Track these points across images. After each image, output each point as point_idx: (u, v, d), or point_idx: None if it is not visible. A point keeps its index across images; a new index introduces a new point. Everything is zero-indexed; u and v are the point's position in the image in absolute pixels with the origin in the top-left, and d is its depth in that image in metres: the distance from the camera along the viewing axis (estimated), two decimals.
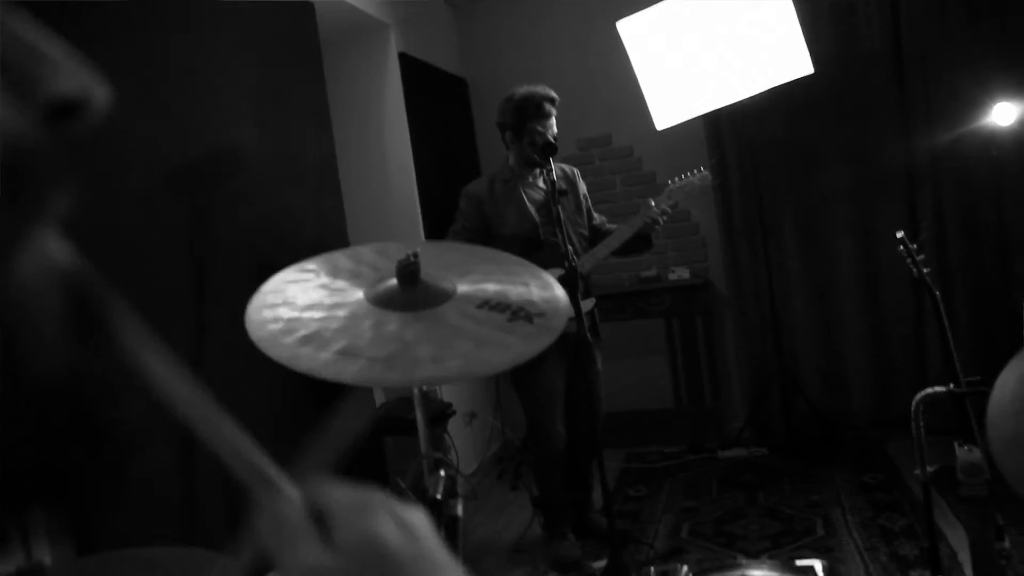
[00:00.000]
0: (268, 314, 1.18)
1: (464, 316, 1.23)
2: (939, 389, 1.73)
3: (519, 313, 1.29)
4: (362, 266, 1.38)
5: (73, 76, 0.26)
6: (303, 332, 1.12)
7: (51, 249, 0.25)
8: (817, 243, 4.12)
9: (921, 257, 2.12)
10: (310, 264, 1.38)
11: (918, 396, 1.73)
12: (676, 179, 3.00)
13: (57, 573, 1.31)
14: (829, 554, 2.75)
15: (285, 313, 1.17)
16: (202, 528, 2.18)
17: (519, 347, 1.19)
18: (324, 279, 1.32)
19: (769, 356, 4.04)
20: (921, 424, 1.73)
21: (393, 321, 1.19)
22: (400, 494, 3.35)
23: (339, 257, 1.42)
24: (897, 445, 3.73)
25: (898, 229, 2.20)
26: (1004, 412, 0.78)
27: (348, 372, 1.04)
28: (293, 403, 2.58)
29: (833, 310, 4.13)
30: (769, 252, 3.91)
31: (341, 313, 1.19)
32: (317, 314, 1.18)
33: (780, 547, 2.87)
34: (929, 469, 1.76)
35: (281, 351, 1.08)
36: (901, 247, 2.14)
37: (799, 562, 1.49)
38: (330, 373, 1.03)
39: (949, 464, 1.56)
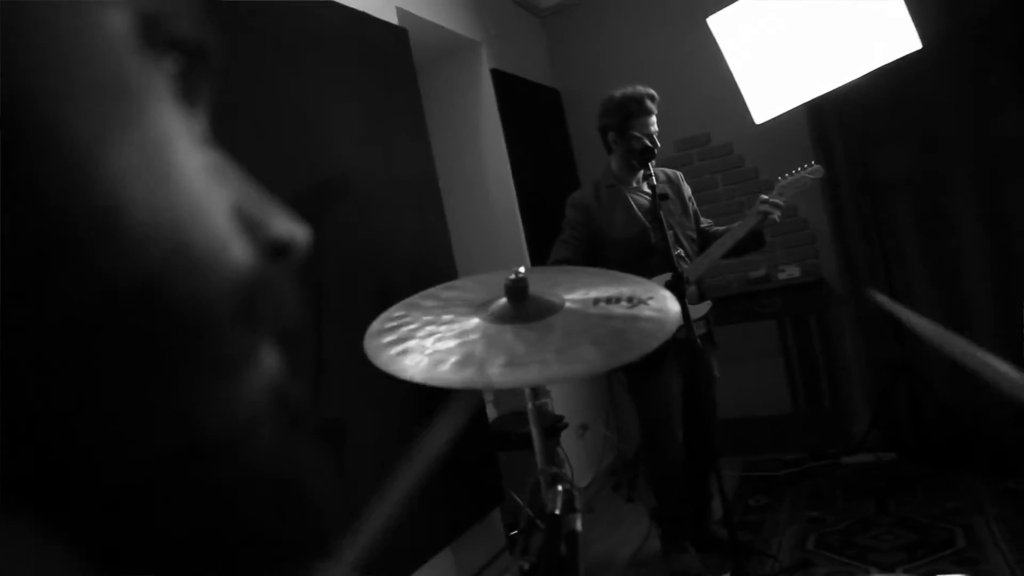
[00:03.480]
0: (402, 358, 1.17)
1: (587, 317, 1.23)
2: None
3: (633, 300, 1.28)
4: (449, 302, 1.36)
5: (285, 221, 0.32)
6: (453, 359, 1.11)
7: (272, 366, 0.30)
8: (939, 231, 3.85)
9: None
10: (396, 311, 1.34)
11: None
12: (785, 175, 2.90)
13: None
14: (974, 567, 2.55)
15: (419, 348, 1.15)
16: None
17: (656, 325, 1.17)
18: (425, 317, 1.31)
19: (892, 353, 3.82)
20: None
21: (528, 331, 1.18)
22: (516, 509, 3.36)
23: (418, 299, 1.40)
24: None
25: None
26: None
27: (530, 377, 1.05)
28: (402, 417, 2.63)
29: (960, 298, 3.84)
30: (885, 242, 3.71)
31: (474, 336, 1.18)
32: (449, 343, 1.16)
33: (916, 560, 2.68)
34: None
35: (450, 378, 1.07)
36: None
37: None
38: (511, 382, 1.04)
39: None
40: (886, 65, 3.25)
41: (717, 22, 3.49)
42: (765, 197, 2.82)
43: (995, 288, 3.77)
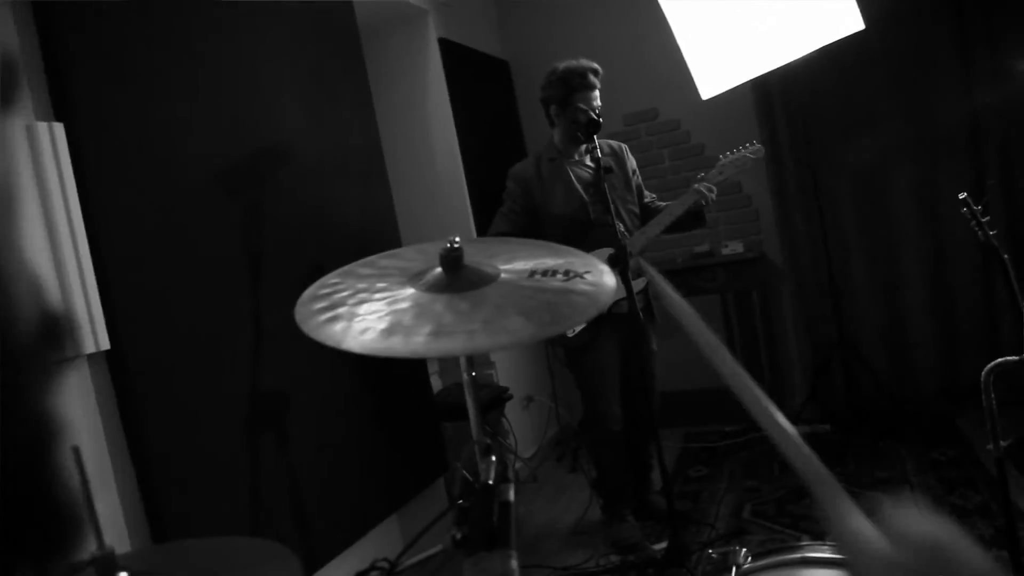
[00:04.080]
0: (326, 319, 1.15)
1: (520, 287, 1.22)
2: (1011, 359, 1.65)
3: (569, 273, 1.28)
4: (384, 270, 1.35)
5: None
6: (380, 326, 1.10)
7: None
8: (876, 208, 3.96)
9: (987, 219, 2.01)
10: (332, 278, 1.33)
11: (988, 366, 1.65)
12: (727, 153, 2.93)
13: (130, 561, 1.35)
14: None
15: (348, 316, 1.14)
16: (267, 519, 2.22)
17: (593, 297, 1.17)
18: (359, 285, 1.29)
19: (829, 329, 3.93)
20: (992, 396, 1.65)
21: (461, 301, 1.17)
22: (459, 479, 3.37)
23: (357, 267, 1.39)
24: (968, 418, 3.60)
25: (962, 190, 2.08)
26: None
27: (456, 345, 1.03)
28: (347, 387, 2.62)
29: (895, 278, 3.97)
30: (825, 220, 3.79)
31: (405, 305, 1.17)
32: (378, 309, 1.15)
33: None
34: (1003, 443, 1.69)
35: (375, 346, 1.06)
36: (965, 209, 2.03)
37: None
38: (436, 351, 1.03)
39: None
40: (830, 44, 3.29)
41: None
42: (702, 175, 2.85)
43: (929, 270, 3.89)
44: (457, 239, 1.28)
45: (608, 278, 1.29)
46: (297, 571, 1.14)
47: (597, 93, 2.84)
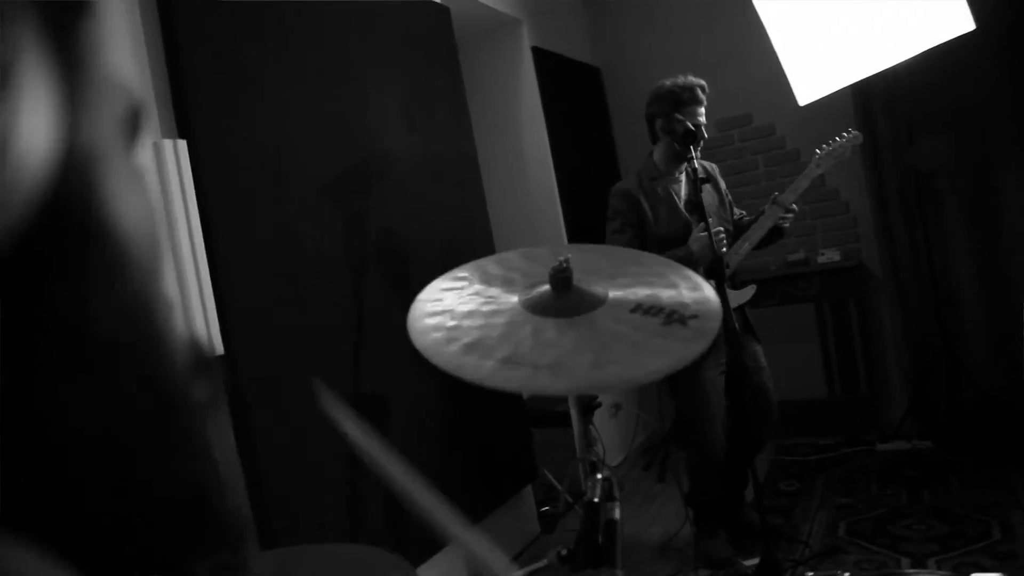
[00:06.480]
0: (430, 322, 1.22)
1: (619, 321, 1.23)
2: None
3: (673, 316, 1.27)
4: (512, 272, 1.40)
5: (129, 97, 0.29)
6: (466, 340, 1.15)
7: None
8: (984, 212, 3.76)
9: None
10: (462, 271, 1.41)
11: None
12: (824, 146, 2.88)
13: (254, 567, 1.42)
14: (1010, 562, 2.51)
15: (448, 322, 1.20)
16: (364, 526, 2.29)
17: (678, 351, 1.17)
18: (478, 286, 1.35)
19: (931, 338, 3.76)
20: None
21: (550, 328, 1.20)
22: (550, 487, 3.40)
23: (488, 264, 1.45)
24: None
25: None
26: None
27: (514, 380, 1.06)
28: (439, 391, 2.67)
29: (1005, 286, 3.76)
30: (928, 225, 3.65)
31: (500, 320, 1.21)
32: (476, 321, 1.21)
33: (949, 551, 2.66)
34: None
35: (446, 359, 1.11)
36: None
37: (977, 573, 1.36)
38: (497, 382, 1.05)
39: None
40: (937, 46, 3.16)
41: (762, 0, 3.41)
42: (776, 196, 2.82)
43: None
44: (569, 256, 1.30)
45: (715, 305, 1.28)
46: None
47: (703, 109, 2.81)
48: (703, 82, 2.83)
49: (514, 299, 1.30)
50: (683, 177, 2.88)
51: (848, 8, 3.30)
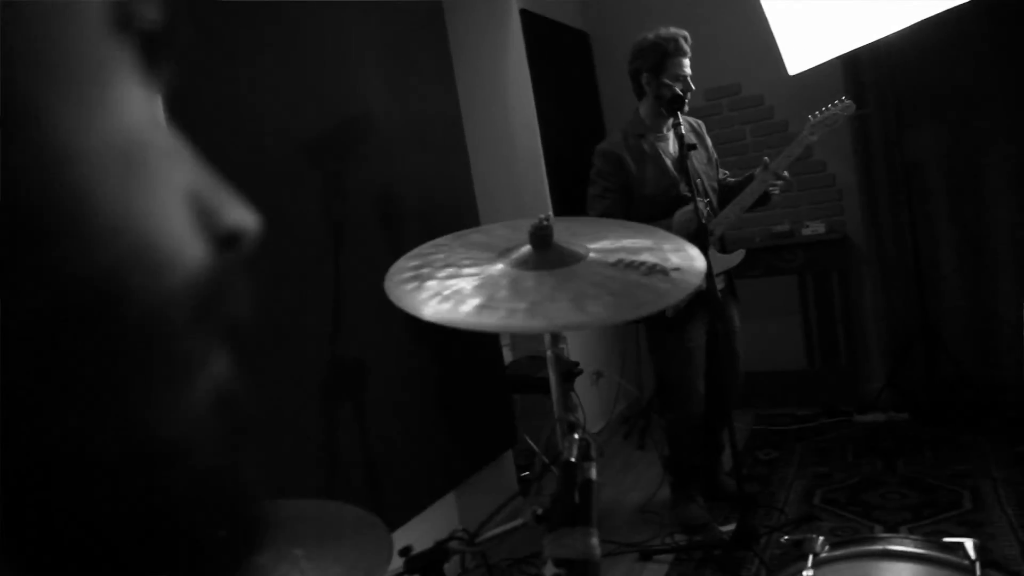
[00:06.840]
0: (407, 275, 1.21)
1: (599, 274, 1.22)
2: None
3: (655, 268, 1.27)
4: (494, 238, 1.38)
5: (237, 209, 0.30)
6: (444, 293, 1.14)
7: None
8: (968, 191, 3.78)
9: None
10: (443, 240, 1.39)
11: None
12: (817, 112, 2.86)
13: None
14: (978, 530, 2.57)
15: (428, 281, 1.18)
16: (342, 484, 2.29)
17: (659, 296, 1.16)
18: (459, 251, 1.33)
19: (911, 313, 3.79)
20: None
21: (529, 279, 1.19)
22: (530, 453, 3.41)
23: (472, 235, 1.43)
24: None
25: None
26: None
27: (490, 321, 1.05)
28: (419, 356, 2.66)
29: (986, 265, 3.79)
30: (913, 201, 3.65)
31: (477, 272, 1.20)
32: (456, 280, 1.19)
33: (921, 520, 2.71)
34: None
35: (419, 308, 1.10)
36: None
37: (948, 539, 1.38)
38: (472, 323, 1.05)
39: None
40: (930, 17, 3.13)
41: None
42: (767, 159, 2.80)
43: (1019, 251, 3.70)
44: (549, 215, 1.29)
45: (699, 264, 1.27)
46: (386, 538, 1.18)
47: (688, 61, 2.76)
48: (685, 32, 2.78)
49: (498, 265, 1.29)
50: (670, 134, 2.83)
51: None
